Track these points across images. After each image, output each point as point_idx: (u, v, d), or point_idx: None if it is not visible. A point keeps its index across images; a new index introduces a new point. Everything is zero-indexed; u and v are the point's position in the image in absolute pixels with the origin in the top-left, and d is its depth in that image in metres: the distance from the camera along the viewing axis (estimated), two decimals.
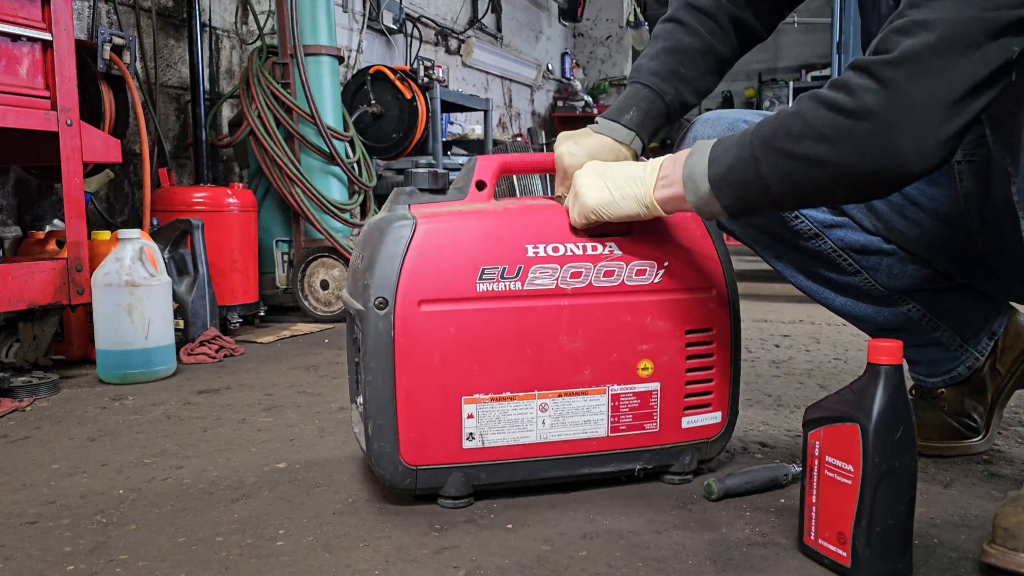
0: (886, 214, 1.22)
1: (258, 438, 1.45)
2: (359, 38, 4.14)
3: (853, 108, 0.81)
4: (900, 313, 1.28)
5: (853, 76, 0.82)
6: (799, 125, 0.85)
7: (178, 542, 1.00)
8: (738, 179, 0.90)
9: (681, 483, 1.16)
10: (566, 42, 7.44)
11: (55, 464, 1.32)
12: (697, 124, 1.29)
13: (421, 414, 1.04)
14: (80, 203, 1.92)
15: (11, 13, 1.78)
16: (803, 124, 0.85)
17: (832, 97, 0.83)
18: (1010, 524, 0.86)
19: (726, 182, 0.91)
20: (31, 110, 1.82)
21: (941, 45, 0.77)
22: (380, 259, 1.03)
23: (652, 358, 1.11)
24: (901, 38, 0.79)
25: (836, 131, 0.82)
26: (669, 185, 0.98)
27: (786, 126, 0.86)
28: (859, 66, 0.82)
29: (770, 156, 0.87)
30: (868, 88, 0.80)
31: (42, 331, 1.91)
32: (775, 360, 2.11)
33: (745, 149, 0.89)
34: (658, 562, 0.93)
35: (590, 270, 1.08)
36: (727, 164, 0.90)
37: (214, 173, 2.96)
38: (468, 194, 1.11)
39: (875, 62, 0.80)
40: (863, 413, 0.84)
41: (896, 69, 0.79)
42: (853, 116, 0.81)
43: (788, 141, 0.85)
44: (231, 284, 2.53)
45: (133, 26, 2.79)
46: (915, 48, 0.78)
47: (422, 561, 0.93)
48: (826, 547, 0.89)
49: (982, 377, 1.30)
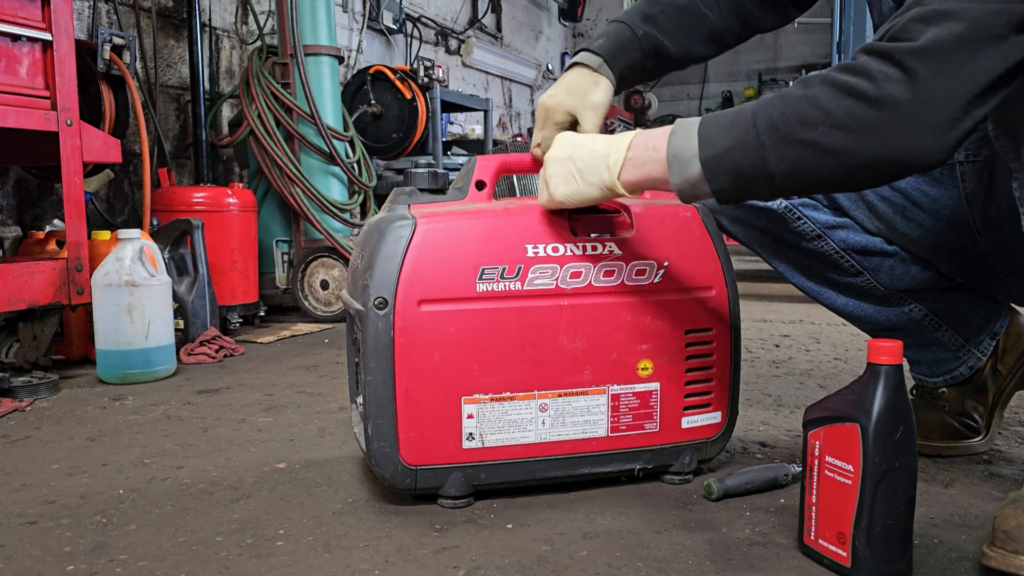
0: (888, 215, 1.21)
1: (258, 438, 1.45)
2: (359, 38, 4.14)
3: (876, 96, 0.78)
4: (902, 313, 1.28)
5: (873, 63, 0.79)
6: (814, 111, 0.81)
7: (178, 542, 1.00)
8: (737, 163, 0.85)
9: (681, 483, 1.16)
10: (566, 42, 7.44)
11: (55, 464, 1.32)
12: None
13: (421, 414, 1.04)
14: (80, 203, 1.92)
15: (11, 13, 1.78)
16: (819, 111, 0.80)
17: (852, 83, 0.79)
18: (1010, 527, 0.86)
19: (721, 166, 0.86)
20: (31, 110, 1.82)
21: (968, 36, 0.75)
22: (380, 259, 1.03)
23: (652, 358, 1.11)
24: (925, 27, 0.77)
25: (856, 120, 0.79)
26: (641, 164, 0.93)
27: (799, 112, 0.82)
28: (879, 52, 0.79)
29: (780, 142, 0.82)
30: (892, 77, 0.77)
31: (42, 331, 1.91)
32: (775, 360, 2.11)
33: (748, 132, 0.84)
34: (658, 562, 0.93)
35: (590, 270, 1.07)
36: (723, 147, 0.86)
37: (214, 173, 2.96)
38: (468, 194, 1.10)
39: (899, 49, 0.77)
40: (863, 413, 0.84)
41: (923, 59, 0.76)
42: (876, 105, 0.78)
43: (802, 128, 0.81)
44: (231, 284, 2.53)
45: (133, 26, 2.79)
46: (941, 38, 0.76)
47: (422, 561, 0.93)
48: (826, 547, 0.89)
49: (983, 377, 1.30)
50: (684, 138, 0.89)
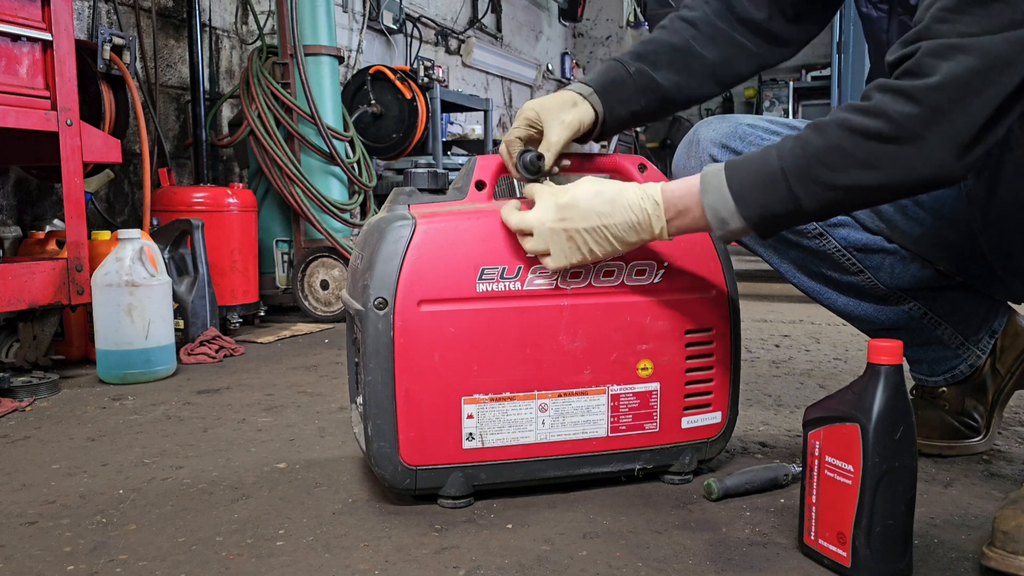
0: (889, 214, 1.22)
1: (258, 438, 1.45)
2: (359, 38, 4.14)
3: (896, 136, 0.84)
4: (902, 312, 1.28)
5: (890, 102, 0.84)
6: (837, 157, 0.87)
7: (178, 542, 1.00)
8: (774, 213, 0.91)
9: (681, 483, 1.16)
10: (566, 42, 7.44)
11: (55, 464, 1.32)
12: (699, 126, 1.30)
13: (421, 414, 1.04)
14: (80, 203, 1.92)
15: (11, 13, 1.78)
16: (842, 155, 0.86)
17: (870, 127, 0.85)
18: (1009, 527, 0.86)
19: (761, 217, 0.92)
20: (31, 110, 1.82)
21: (981, 68, 0.81)
22: (380, 259, 1.03)
23: (652, 358, 1.11)
24: (940, 62, 0.82)
25: (880, 158, 0.85)
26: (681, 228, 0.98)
27: (821, 159, 0.87)
28: (896, 90, 0.84)
29: (814, 190, 0.88)
30: (911, 114, 0.83)
31: (42, 331, 1.91)
32: (775, 360, 2.11)
33: (779, 185, 0.90)
34: (658, 562, 0.93)
35: (590, 270, 1.07)
36: (760, 202, 0.91)
37: (214, 173, 2.96)
38: (468, 194, 1.10)
39: (916, 87, 0.83)
40: (863, 413, 0.84)
41: (940, 93, 0.82)
42: (897, 142, 0.84)
43: (831, 173, 0.87)
44: (231, 284, 2.53)
45: (133, 26, 2.79)
46: (956, 72, 0.81)
47: (422, 561, 0.93)
48: (826, 547, 0.89)
49: (983, 376, 1.30)
50: (716, 196, 0.93)
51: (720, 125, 1.26)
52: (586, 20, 7.56)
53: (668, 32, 1.21)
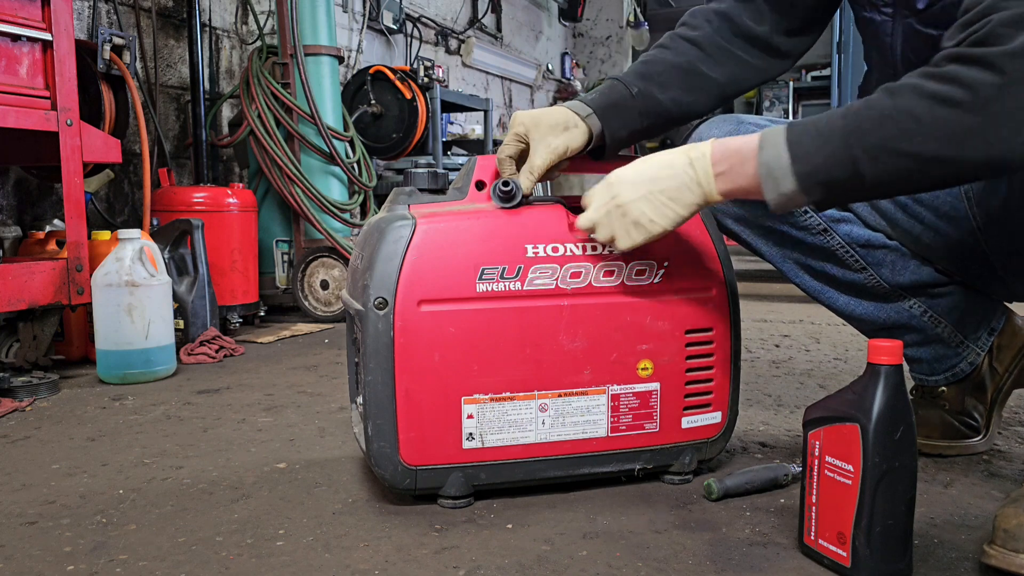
0: (890, 211, 1.22)
1: (258, 438, 1.45)
2: (359, 38, 4.14)
3: (971, 102, 0.79)
4: (902, 310, 1.28)
5: (964, 70, 0.80)
6: (909, 122, 0.82)
7: (178, 542, 1.00)
8: (831, 175, 0.87)
9: (681, 483, 1.16)
10: (566, 42, 7.43)
11: (55, 464, 1.32)
12: (703, 126, 1.29)
13: (421, 414, 1.04)
14: (80, 203, 1.92)
15: (11, 13, 1.78)
16: (913, 121, 0.82)
17: (944, 92, 0.81)
18: (1010, 525, 0.86)
19: (817, 180, 0.88)
20: (31, 110, 1.82)
21: None
22: (380, 259, 1.03)
23: (652, 358, 1.11)
24: (1015, 31, 0.78)
25: (952, 127, 0.80)
26: (733, 178, 0.94)
27: (893, 124, 0.83)
28: (970, 58, 0.80)
29: (879, 155, 0.84)
30: (986, 81, 0.78)
31: (42, 331, 1.91)
32: (775, 360, 2.11)
33: (838, 147, 0.86)
34: (658, 562, 0.93)
35: (590, 270, 1.07)
36: (817, 161, 0.87)
37: (214, 173, 2.96)
38: (468, 194, 1.10)
39: (992, 54, 0.78)
40: (863, 413, 0.84)
41: (1018, 60, 0.77)
42: (971, 110, 0.79)
43: (897, 139, 0.83)
44: (231, 284, 2.53)
45: (133, 26, 2.79)
46: None
47: (422, 561, 0.93)
48: (826, 547, 0.89)
49: (982, 375, 1.30)
50: (773, 151, 0.90)
51: (724, 125, 1.26)
52: (586, 20, 7.55)
53: (672, 53, 1.19)
